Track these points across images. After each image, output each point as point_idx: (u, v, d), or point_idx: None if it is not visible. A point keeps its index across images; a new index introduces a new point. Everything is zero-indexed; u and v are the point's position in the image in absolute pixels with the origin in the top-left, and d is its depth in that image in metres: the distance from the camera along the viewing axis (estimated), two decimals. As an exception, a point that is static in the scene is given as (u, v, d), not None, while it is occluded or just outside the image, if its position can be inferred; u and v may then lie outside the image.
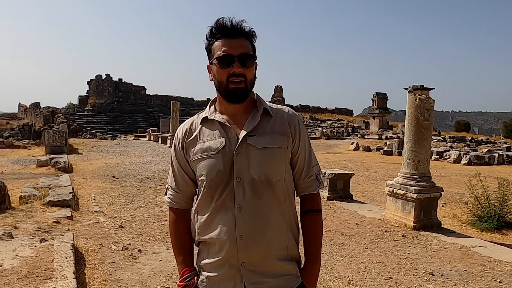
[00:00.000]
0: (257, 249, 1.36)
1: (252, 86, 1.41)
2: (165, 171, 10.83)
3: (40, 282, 3.09)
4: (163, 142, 22.23)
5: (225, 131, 1.41)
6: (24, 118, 36.49)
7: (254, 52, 1.43)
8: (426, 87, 18.52)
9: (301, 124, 1.49)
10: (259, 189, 1.37)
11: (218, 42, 1.38)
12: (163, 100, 44.18)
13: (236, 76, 1.36)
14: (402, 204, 5.77)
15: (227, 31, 1.38)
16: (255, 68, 1.43)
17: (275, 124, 1.43)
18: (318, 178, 1.53)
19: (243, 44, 1.38)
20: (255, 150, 1.38)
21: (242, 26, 1.39)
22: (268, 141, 1.39)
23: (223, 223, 1.37)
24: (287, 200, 1.44)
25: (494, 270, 4.08)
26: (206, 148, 1.41)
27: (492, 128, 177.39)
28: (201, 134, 1.45)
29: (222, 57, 1.36)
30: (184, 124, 1.54)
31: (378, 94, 37.25)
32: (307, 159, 1.50)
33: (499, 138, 35.22)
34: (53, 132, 15.64)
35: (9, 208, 5.47)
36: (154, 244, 4.55)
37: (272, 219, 1.38)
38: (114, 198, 7.07)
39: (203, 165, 1.40)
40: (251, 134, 1.39)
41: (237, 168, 1.36)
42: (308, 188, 1.51)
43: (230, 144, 1.39)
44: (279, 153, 1.41)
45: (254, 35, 1.43)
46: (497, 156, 17.07)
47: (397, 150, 19.01)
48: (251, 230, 1.35)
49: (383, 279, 3.76)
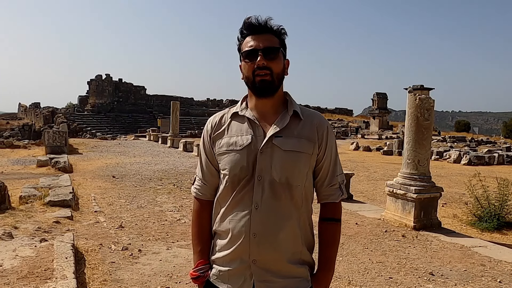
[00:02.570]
0: (269, 248, 1.36)
1: (279, 80, 1.42)
2: (165, 171, 10.83)
3: (40, 282, 3.09)
4: (163, 142, 22.23)
5: (253, 128, 1.42)
6: (24, 118, 36.49)
7: (283, 47, 1.43)
8: (426, 87, 18.51)
9: (330, 132, 1.48)
10: (278, 191, 1.37)
11: (246, 39, 1.41)
12: (163, 100, 44.17)
13: (261, 69, 1.37)
14: (402, 204, 5.77)
15: (253, 28, 1.40)
16: (284, 64, 1.43)
17: (303, 128, 1.43)
18: (341, 187, 1.51)
19: (268, 39, 1.40)
20: (280, 152, 1.38)
21: (268, 22, 1.41)
22: (294, 145, 1.39)
23: (239, 218, 1.38)
24: (304, 206, 1.43)
25: (494, 270, 4.08)
26: (232, 143, 1.42)
27: (492, 128, 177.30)
28: (229, 128, 1.46)
29: (248, 52, 1.39)
30: (215, 117, 1.54)
31: (378, 94, 37.24)
32: (332, 167, 1.49)
33: (499, 138, 35.21)
34: (53, 132, 15.63)
35: (9, 208, 5.47)
36: (154, 244, 4.55)
37: (287, 222, 1.38)
38: (114, 198, 7.07)
39: (227, 159, 1.42)
40: (278, 135, 1.39)
41: (260, 167, 1.37)
42: (330, 197, 1.50)
43: (256, 142, 1.40)
44: (303, 158, 1.40)
45: (282, 31, 1.44)
46: (497, 156, 17.07)
47: (397, 150, 19.01)
48: (265, 230, 1.36)
49: (383, 279, 3.76)
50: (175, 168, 11.72)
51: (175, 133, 20.79)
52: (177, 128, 21.20)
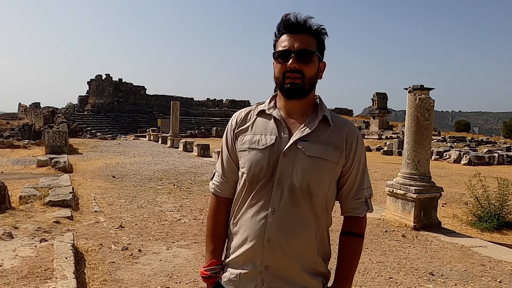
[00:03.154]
0: (282, 256, 1.31)
1: (311, 84, 1.35)
2: (165, 171, 10.83)
3: (40, 282, 3.09)
4: (163, 142, 22.23)
5: (279, 128, 1.36)
6: (24, 118, 36.49)
7: (320, 50, 1.36)
8: (426, 87, 18.52)
9: (360, 142, 1.40)
10: (297, 197, 1.31)
11: (281, 37, 1.35)
12: (163, 100, 44.19)
13: (292, 72, 1.31)
14: (402, 204, 5.77)
15: (291, 26, 1.33)
16: (319, 68, 1.36)
17: (331, 135, 1.36)
18: (368, 202, 1.43)
19: (304, 40, 1.32)
20: (304, 157, 1.31)
21: (307, 21, 1.33)
22: (319, 151, 1.32)
23: (254, 221, 1.33)
24: (324, 216, 1.37)
25: (494, 270, 4.08)
26: (255, 141, 1.36)
27: (492, 128, 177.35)
28: (254, 126, 1.41)
29: (281, 52, 1.33)
30: (241, 112, 1.48)
31: (378, 94, 37.26)
32: (359, 180, 1.41)
33: (499, 138, 35.23)
34: (53, 132, 15.63)
35: (9, 208, 5.47)
36: (154, 244, 4.55)
37: (304, 231, 1.33)
38: (114, 198, 7.06)
39: (247, 157, 1.36)
40: (304, 139, 1.33)
41: (280, 170, 1.31)
42: (354, 210, 1.42)
43: (280, 143, 1.34)
44: (327, 166, 1.33)
45: (322, 32, 1.36)
46: (497, 156, 17.08)
47: (397, 150, 19.01)
48: (280, 236, 1.30)
49: (383, 279, 3.76)
50: (175, 168, 11.72)
51: (175, 133, 20.79)
52: (177, 128, 21.20)
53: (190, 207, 6.58)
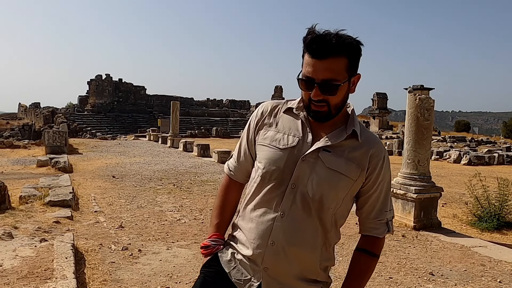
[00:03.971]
0: (283, 261, 1.28)
1: (337, 109, 1.27)
2: (165, 171, 10.83)
3: (40, 282, 3.09)
4: (163, 142, 22.23)
5: (303, 131, 1.31)
6: (24, 118, 36.50)
7: (353, 66, 1.24)
8: (426, 87, 18.53)
9: (385, 163, 1.34)
10: (309, 206, 1.27)
11: (306, 57, 1.23)
12: (163, 100, 44.22)
13: (316, 101, 1.24)
14: (402, 204, 5.77)
15: (314, 51, 1.20)
16: (347, 92, 1.27)
17: (357, 151, 1.30)
18: (389, 224, 1.38)
19: (330, 67, 1.20)
20: (323, 167, 1.27)
21: (334, 43, 1.19)
22: (340, 165, 1.27)
23: (262, 220, 1.30)
24: (332, 231, 1.33)
25: (494, 270, 4.08)
26: (277, 139, 1.32)
27: (492, 128, 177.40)
28: (279, 122, 1.36)
29: (304, 80, 1.24)
30: (268, 104, 1.43)
31: (378, 94, 37.27)
32: (381, 202, 1.36)
33: (499, 138, 35.24)
34: (53, 132, 15.63)
35: (9, 208, 5.46)
36: (154, 244, 4.55)
37: (310, 241, 1.29)
38: (114, 198, 7.06)
39: (266, 154, 1.33)
40: (327, 149, 1.28)
41: (297, 175, 1.27)
42: (374, 230, 1.37)
43: (301, 147, 1.29)
44: (344, 181, 1.28)
45: (354, 47, 1.22)
46: (497, 156, 17.09)
47: (397, 150, 19.02)
48: (285, 241, 1.27)
49: (383, 279, 3.76)
50: (175, 168, 11.72)
51: (175, 133, 20.80)
52: (177, 128, 21.20)
53: (190, 207, 6.58)
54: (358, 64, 1.27)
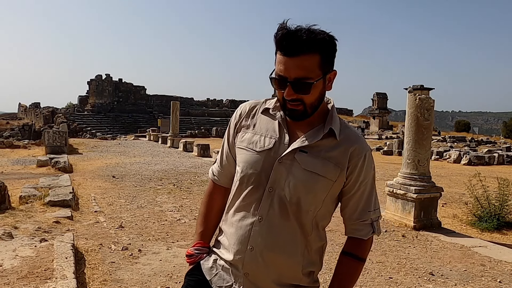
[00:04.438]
0: (263, 267, 1.25)
1: (313, 107, 1.23)
2: (165, 171, 10.83)
3: (40, 282, 3.09)
4: (163, 142, 22.23)
5: (280, 133, 1.27)
6: (24, 118, 36.50)
7: (327, 62, 1.19)
8: (426, 87, 18.53)
9: (367, 161, 1.28)
10: (287, 210, 1.23)
11: (278, 55, 1.19)
12: (163, 100, 44.23)
13: (291, 100, 1.20)
14: (402, 204, 5.77)
15: (284, 48, 1.15)
16: (323, 88, 1.22)
17: (335, 150, 1.24)
18: (374, 224, 1.32)
19: (302, 65, 1.15)
20: (299, 169, 1.22)
21: (305, 39, 1.13)
22: (317, 166, 1.22)
23: (241, 225, 1.28)
24: (314, 234, 1.28)
25: (494, 270, 4.08)
26: (254, 141, 1.29)
27: (492, 128, 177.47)
28: (257, 123, 1.33)
29: (276, 79, 1.20)
30: (246, 105, 1.40)
31: (378, 94, 37.28)
32: (364, 202, 1.31)
33: (499, 138, 35.25)
34: (53, 132, 15.63)
35: (9, 208, 5.46)
36: (154, 244, 4.55)
37: (290, 246, 1.25)
38: (114, 198, 7.06)
39: (243, 157, 1.30)
40: (303, 150, 1.23)
41: (273, 178, 1.23)
42: (357, 232, 1.32)
43: (278, 149, 1.25)
44: (322, 183, 1.23)
45: (327, 42, 1.17)
46: (497, 156, 17.09)
47: (397, 150, 19.02)
48: (263, 247, 1.24)
49: (383, 279, 3.76)
50: (175, 168, 11.72)
51: (175, 133, 20.80)
52: (177, 128, 21.21)
53: (190, 207, 6.58)
54: (334, 60, 1.22)
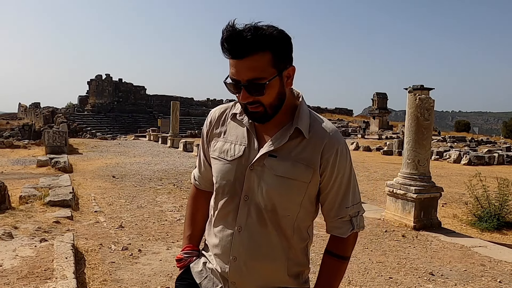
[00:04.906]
0: (247, 276, 1.23)
1: (274, 108, 1.17)
2: (165, 171, 10.83)
3: (40, 282, 3.09)
4: (163, 142, 22.23)
5: (249, 138, 1.23)
6: (24, 118, 36.49)
7: (281, 59, 1.13)
8: (426, 87, 18.52)
9: (341, 155, 1.21)
10: (264, 217, 1.21)
11: (228, 58, 1.14)
12: (163, 100, 44.21)
13: (249, 104, 1.15)
14: (402, 204, 5.77)
15: (230, 51, 1.10)
16: (282, 83, 1.16)
17: (305, 149, 1.19)
18: (353, 221, 1.27)
19: (252, 66, 1.09)
20: (270, 175, 1.18)
21: (250, 38, 1.07)
22: (287, 170, 1.18)
23: (222, 236, 1.26)
24: (296, 236, 1.25)
25: (494, 270, 4.08)
26: (225, 150, 1.26)
27: (492, 128, 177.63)
28: (227, 131, 1.30)
29: (230, 83, 1.15)
30: (216, 111, 1.36)
31: (378, 94, 37.25)
32: (341, 198, 1.25)
33: (499, 138, 35.24)
34: (53, 132, 15.63)
35: (9, 208, 5.46)
36: (154, 244, 4.55)
37: (272, 252, 1.23)
38: (114, 198, 7.06)
39: (216, 167, 1.28)
40: (272, 154, 1.18)
41: (247, 186, 1.21)
42: (336, 230, 1.28)
43: (248, 156, 1.21)
44: (296, 187, 1.19)
45: (276, 38, 1.11)
46: (497, 156, 17.08)
47: (397, 150, 19.01)
48: (246, 256, 1.22)
49: (383, 279, 3.76)
50: (175, 168, 11.71)
51: (175, 133, 20.80)
52: (177, 128, 21.20)
53: (190, 207, 6.57)
54: (290, 55, 1.16)
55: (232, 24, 1.09)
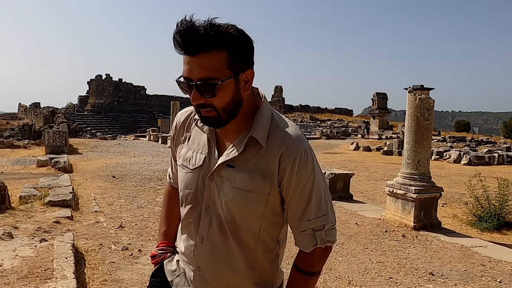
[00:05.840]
0: (213, 284, 1.21)
1: (228, 113, 1.08)
2: (165, 171, 10.80)
3: (40, 282, 3.09)
4: (163, 142, 22.23)
5: (209, 146, 1.18)
6: (24, 118, 36.49)
7: (238, 59, 1.04)
8: (426, 87, 18.53)
9: (300, 164, 1.10)
10: (225, 228, 1.16)
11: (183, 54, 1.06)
12: (163, 100, 44.22)
13: (199, 107, 1.08)
14: (402, 204, 5.77)
15: (182, 46, 1.02)
16: (237, 86, 1.07)
17: (262, 158, 1.11)
18: (316, 235, 1.16)
19: (205, 64, 1.01)
20: (228, 186, 1.13)
21: (204, 33, 0.99)
22: (244, 181, 1.11)
23: (187, 245, 1.25)
24: (260, 247, 1.19)
25: (494, 270, 4.08)
26: (188, 158, 1.22)
27: (492, 128, 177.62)
28: (191, 136, 1.25)
29: (183, 81, 1.06)
30: (181, 115, 1.30)
31: (378, 94, 37.25)
32: (302, 210, 1.15)
33: (499, 138, 35.24)
34: (53, 132, 15.63)
35: (9, 208, 5.46)
36: (154, 244, 4.54)
37: (235, 263, 1.18)
38: (114, 198, 7.06)
39: (180, 175, 1.25)
40: (230, 164, 1.12)
41: (207, 196, 1.16)
42: (299, 243, 1.20)
43: (208, 165, 1.16)
44: (255, 199, 1.12)
45: (232, 40, 1.02)
46: (497, 156, 17.08)
47: (397, 150, 19.01)
48: (209, 267, 1.20)
49: (383, 279, 3.76)
50: (175, 168, 11.71)
51: (175, 133, 20.78)
52: (177, 128, 21.18)
53: (190, 207, 6.58)
54: (250, 58, 1.08)
55: (190, 18, 1.01)
